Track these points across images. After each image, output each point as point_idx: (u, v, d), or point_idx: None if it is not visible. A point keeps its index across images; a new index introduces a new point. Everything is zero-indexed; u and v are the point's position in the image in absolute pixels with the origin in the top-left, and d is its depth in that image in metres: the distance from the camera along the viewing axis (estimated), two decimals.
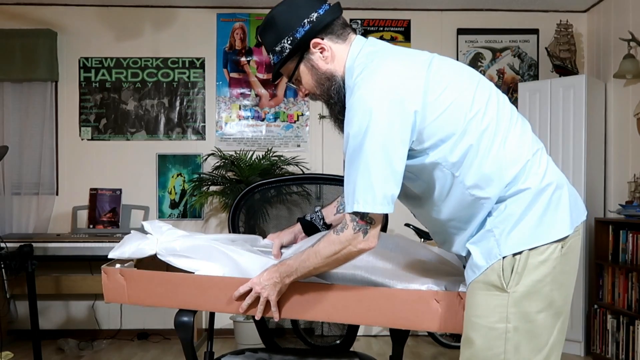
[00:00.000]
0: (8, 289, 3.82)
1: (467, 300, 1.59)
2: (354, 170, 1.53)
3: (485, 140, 1.54)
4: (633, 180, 4.33)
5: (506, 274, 1.52)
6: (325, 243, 1.63)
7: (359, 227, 1.55)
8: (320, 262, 1.64)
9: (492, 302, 1.53)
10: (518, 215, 1.53)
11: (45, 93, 5.08)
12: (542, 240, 1.52)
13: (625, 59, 4.32)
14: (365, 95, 1.51)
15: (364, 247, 1.57)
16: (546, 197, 1.54)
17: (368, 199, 1.51)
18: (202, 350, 4.54)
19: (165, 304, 1.90)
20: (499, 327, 1.52)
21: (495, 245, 1.54)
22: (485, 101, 1.58)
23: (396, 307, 1.72)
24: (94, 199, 5.04)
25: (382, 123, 1.49)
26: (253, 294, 1.77)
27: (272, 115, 5.22)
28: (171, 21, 5.15)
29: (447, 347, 4.72)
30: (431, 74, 1.56)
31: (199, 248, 1.89)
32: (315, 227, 2.07)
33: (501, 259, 1.52)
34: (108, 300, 1.96)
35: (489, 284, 1.53)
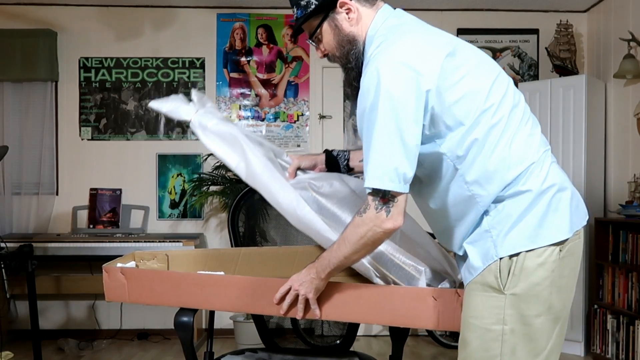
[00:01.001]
0: (8, 289, 3.82)
1: (464, 301, 1.58)
2: (366, 147, 1.50)
3: (492, 136, 1.52)
4: (633, 180, 4.33)
5: (503, 275, 1.50)
6: (350, 227, 1.59)
7: (380, 205, 1.50)
8: (350, 249, 1.59)
9: (488, 303, 1.51)
10: (516, 217, 1.51)
11: (45, 93, 5.08)
12: (539, 243, 1.50)
13: (625, 59, 4.32)
14: (380, 69, 1.48)
15: (389, 226, 1.52)
16: (546, 199, 1.52)
17: (378, 174, 1.48)
18: (202, 350, 4.53)
19: (166, 302, 1.91)
20: (496, 328, 1.51)
21: (492, 246, 1.52)
22: (501, 96, 1.55)
23: (394, 305, 1.72)
24: (94, 199, 5.04)
25: (395, 99, 1.45)
26: (292, 293, 1.73)
27: (272, 115, 5.22)
28: (171, 21, 5.15)
29: (446, 347, 4.71)
30: (451, 58, 1.53)
31: (228, 136, 1.88)
32: (337, 164, 2.02)
33: (498, 260, 1.51)
34: (109, 299, 1.96)
35: (486, 285, 1.52)
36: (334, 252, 1.63)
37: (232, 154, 1.88)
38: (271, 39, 5.21)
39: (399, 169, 1.47)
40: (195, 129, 1.91)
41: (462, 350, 1.57)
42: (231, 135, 1.89)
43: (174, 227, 5.17)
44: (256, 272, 2.21)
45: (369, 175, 1.49)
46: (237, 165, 1.87)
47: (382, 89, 1.46)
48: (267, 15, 5.21)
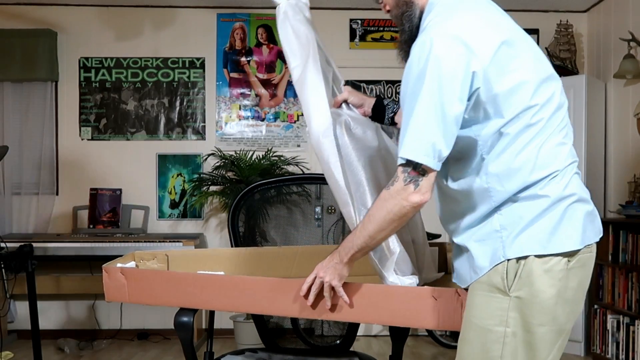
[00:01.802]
0: (8, 289, 3.82)
1: (468, 300, 1.57)
2: (406, 116, 1.47)
3: (526, 135, 1.49)
4: (633, 180, 4.33)
5: (509, 276, 1.48)
6: (377, 203, 1.55)
7: (410, 178, 1.46)
8: (376, 227, 1.54)
9: (492, 305, 1.50)
10: (529, 220, 1.48)
11: (45, 93, 5.08)
12: (550, 250, 1.47)
13: (625, 59, 4.32)
14: (434, 38, 1.44)
15: (416, 200, 1.47)
16: (562, 207, 1.49)
17: (415, 146, 1.44)
18: (202, 350, 4.53)
19: (166, 302, 1.91)
20: (498, 330, 1.49)
21: (501, 246, 1.50)
22: (547, 98, 1.52)
23: (394, 305, 1.72)
24: (94, 199, 5.04)
25: (443, 73, 1.42)
26: (317, 282, 1.70)
27: (272, 115, 5.22)
28: (171, 21, 5.15)
29: (447, 347, 4.71)
30: (507, 46, 1.48)
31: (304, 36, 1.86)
32: (382, 114, 1.96)
33: (505, 262, 1.48)
34: (109, 299, 1.96)
35: (491, 286, 1.50)
36: (357, 233, 1.60)
37: (297, 54, 1.84)
38: (271, 39, 5.21)
39: (436, 145, 1.44)
40: (278, 15, 1.87)
41: (461, 349, 1.56)
42: (306, 37, 1.86)
43: (174, 227, 5.17)
44: (256, 272, 2.21)
45: (405, 146, 1.45)
46: (295, 66, 1.83)
47: (432, 59, 1.42)
48: (267, 15, 5.21)
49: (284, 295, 1.80)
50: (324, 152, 1.76)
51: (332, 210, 3.94)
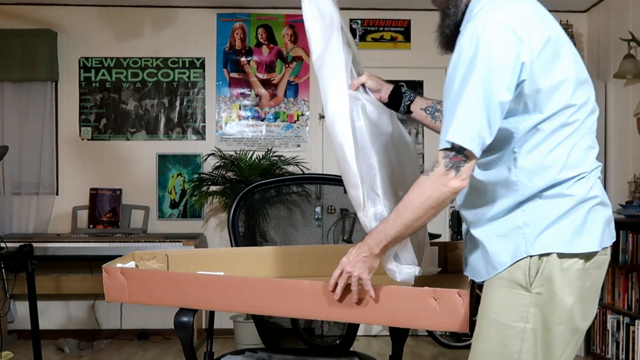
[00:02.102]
0: (8, 289, 3.82)
1: (486, 295, 1.56)
2: (454, 101, 1.45)
3: (560, 133, 1.49)
4: (633, 180, 4.33)
5: (532, 273, 1.49)
6: (414, 189, 1.53)
7: (451, 163, 1.46)
8: (413, 215, 1.52)
9: (513, 300, 1.51)
10: (553, 219, 1.49)
11: (45, 93, 5.08)
12: (571, 249, 1.49)
13: (625, 59, 4.32)
14: (486, 26, 1.44)
15: (456, 185, 1.46)
16: (586, 208, 1.51)
17: (463, 130, 1.43)
18: (202, 350, 4.53)
19: (166, 302, 1.91)
20: (518, 325, 1.50)
21: (524, 243, 1.50)
22: (584, 100, 1.53)
23: (394, 306, 1.72)
24: (94, 199, 5.04)
25: (494, 62, 1.42)
26: (344, 276, 1.67)
27: (272, 115, 5.22)
28: (171, 21, 5.15)
29: (447, 347, 4.72)
30: (553, 43, 1.49)
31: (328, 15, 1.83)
32: (398, 101, 1.93)
33: (528, 258, 1.49)
34: (109, 299, 1.96)
35: (513, 282, 1.51)
36: (391, 223, 1.57)
37: (319, 33, 1.81)
38: (271, 39, 5.21)
39: (482, 132, 1.44)
40: None
41: (477, 344, 1.56)
42: (331, 17, 1.83)
43: (174, 227, 5.17)
44: (256, 272, 2.21)
45: (453, 130, 1.43)
46: (316, 44, 1.80)
47: (484, 46, 1.42)
48: (267, 15, 5.21)
49: (284, 295, 1.80)
50: (338, 133, 1.74)
51: (332, 210, 3.94)
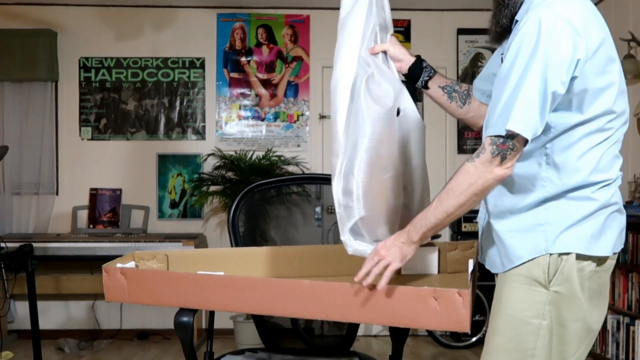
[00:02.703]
0: (8, 289, 3.82)
1: (501, 291, 1.58)
2: (514, 89, 1.45)
3: (596, 137, 1.52)
4: (633, 180, 4.33)
5: (551, 271, 1.51)
6: (458, 176, 1.53)
7: (498, 151, 1.46)
8: (456, 202, 1.52)
9: (531, 297, 1.53)
10: (576, 220, 1.52)
11: (45, 93, 5.08)
12: (590, 251, 1.52)
13: (625, 59, 4.32)
14: (548, 18, 1.43)
15: (501, 173, 1.47)
16: (606, 213, 1.55)
17: (524, 120, 1.43)
18: (202, 350, 4.54)
19: (166, 302, 1.91)
20: (534, 322, 1.52)
21: (544, 240, 1.52)
22: (622, 110, 1.57)
23: (394, 305, 1.72)
24: (94, 199, 5.04)
25: (553, 53, 1.42)
26: (381, 264, 1.65)
27: (272, 115, 5.22)
28: (171, 21, 5.15)
29: (447, 347, 4.72)
30: (607, 46, 1.50)
31: None
32: (417, 75, 1.90)
33: (548, 256, 1.51)
34: (109, 299, 1.96)
35: (531, 279, 1.53)
36: (432, 210, 1.57)
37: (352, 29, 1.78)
38: (271, 39, 5.21)
39: (537, 123, 1.44)
40: None
41: (492, 339, 1.57)
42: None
43: (174, 227, 5.17)
44: (256, 272, 2.21)
45: (513, 118, 1.43)
46: (345, 3, 1.77)
47: (545, 38, 1.42)
48: (267, 15, 5.21)
49: (284, 295, 1.80)
50: (337, 98, 1.72)
51: (332, 210, 3.93)
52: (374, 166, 1.75)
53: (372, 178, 1.74)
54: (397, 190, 1.85)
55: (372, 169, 1.74)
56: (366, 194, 1.72)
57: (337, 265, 2.26)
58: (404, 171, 1.89)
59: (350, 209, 1.72)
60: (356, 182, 1.71)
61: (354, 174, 1.71)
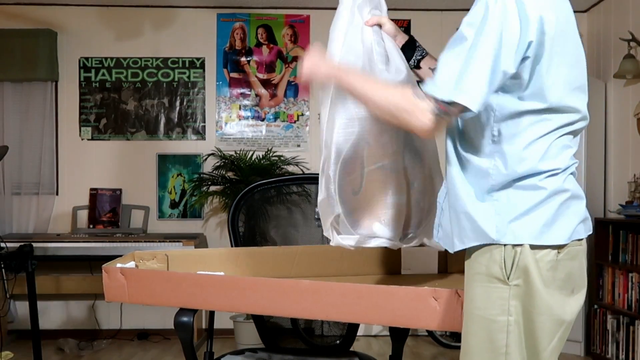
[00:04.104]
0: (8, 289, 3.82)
1: (467, 292, 1.58)
2: (461, 54, 1.47)
3: (544, 126, 1.51)
4: (633, 180, 4.33)
5: (507, 265, 1.50)
6: (399, 90, 1.55)
7: (438, 110, 1.47)
8: (377, 96, 1.56)
9: (493, 294, 1.51)
10: (524, 210, 1.51)
11: (45, 93, 5.08)
12: (541, 241, 1.50)
13: (625, 59, 4.32)
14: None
15: (422, 126, 1.50)
16: (557, 201, 1.52)
17: (472, 92, 1.44)
18: (202, 350, 4.53)
19: (166, 302, 1.91)
20: (501, 319, 1.50)
21: (495, 231, 1.51)
22: (575, 105, 1.55)
23: (394, 305, 1.72)
24: (94, 199, 5.04)
25: (506, 30, 1.43)
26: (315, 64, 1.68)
27: (272, 115, 5.22)
28: (171, 21, 5.15)
29: (447, 347, 4.72)
30: (563, 37, 1.50)
31: None
32: (410, 53, 1.90)
33: (502, 250, 1.50)
34: (109, 299, 1.96)
35: (490, 276, 1.52)
36: (365, 79, 1.62)
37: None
38: (271, 39, 5.21)
39: (483, 96, 1.45)
40: None
41: (466, 341, 1.57)
42: None
43: (174, 227, 5.17)
44: (256, 272, 2.21)
45: (462, 88, 1.44)
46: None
47: (501, 15, 1.43)
48: (267, 15, 5.21)
49: (284, 295, 1.80)
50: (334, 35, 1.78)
51: None
52: (354, 157, 1.74)
53: (352, 171, 1.73)
54: (394, 184, 1.83)
55: (353, 160, 1.73)
56: (342, 187, 1.72)
57: (337, 265, 2.26)
58: (409, 165, 1.86)
59: (328, 205, 1.75)
60: (332, 175, 1.73)
61: (330, 165, 1.73)
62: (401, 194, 1.85)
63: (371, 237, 1.78)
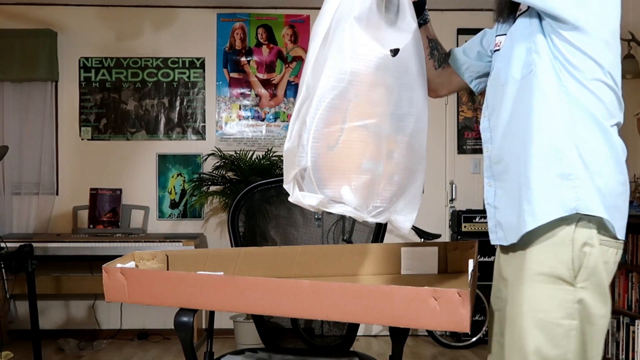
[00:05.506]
0: (8, 289, 3.82)
1: (524, 293, 1.50)
2: None
3: None
4: (633, 180, 4.33)
5: (575, 266, 1.44)
6: None
7: None
8: None
9: (558, 296, 1.44)
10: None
11: (45, 93, 5.08)
12: (616, 234, 1.48)
13: (625, 59, 4.32)
14: None
15: None
16: (627, 194, 1.53)
17: None
18: (202, 350, 4.53)
19: (166, 302, 1.91)
20: (565, 323, 1.44)
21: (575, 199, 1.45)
22: None
23: (394, 305, 1.72)
24: (94, 199, 5.04)
25: None
26: None
27: (272, 115, 5.22)
28: (171, 21, 5.15)
29: (447, 347, 4.72)
30: None
31: None
32: (420, 9, 1.84)
33: (570, 251, 1.44)
34: (109, 299, 1.96)
35: (555, 277, 1.45)
36: None
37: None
38: (271, 39, 5.21)
39: None
40: None
41: (522, 348, 1.48)
42: None
43: (174, 227, 5.17)
44: (256, 272, 2.21)
45: None
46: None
47: None
48: (267, 15, 5.21)
49: (284, 295, 1.80)
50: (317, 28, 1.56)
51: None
52: (338, 108, 1.55)
53: (333, 122, 1.54)
54: (373, 149, 1.60)
55: (336, 110, 1.54)
56: (318, 138, 1.53)
57: (337, 265, 2.26)
58: (393, 132, 1.64)
59: (296, 155, 1.54)
60: (309, 122, 1.52)
61: (310, 110, 1.53)
62: (378, 162, 1.61)
63: (336, 201, 1.58)
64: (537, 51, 1.54)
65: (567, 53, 1.50)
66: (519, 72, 1.56)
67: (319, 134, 1.52)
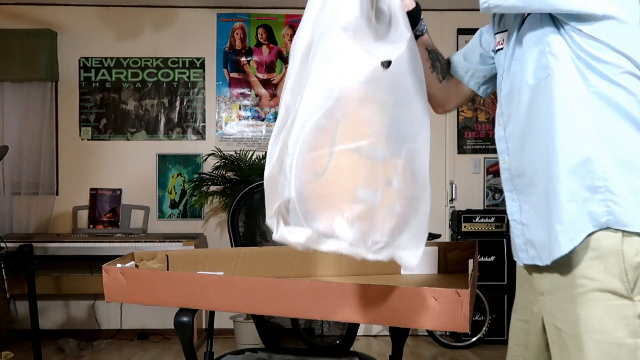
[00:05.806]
0: (8, 289, 3.82)
1: (579, 314, 1.38)
2: None
3: None
4: None
5: (630, 278, 1.33)
6: None
7: None
8: None
9: (616, 313, 1.32)
10: None
11: (45, 93, 5.08)
12: None
13: None
14: None
15: None
16: None
17: None
18: (202, 350, 4.54)
19: (166, 302, 1.91)
20: (628, 342, 1.31)
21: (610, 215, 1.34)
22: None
23: (394, 305, 1.72)
24: (94, 199, 5.04)
25: None
26: None
27: (272, 115, 5.22)
28: (171, 21, 5.15)
29: (447, 347, 4.72)
30: None
31: None
32: (414, 21, 1.65)
33: (622, 263, 1.33)
34: (109, 299, 1.96)
35: (609, 292, 1.33)
36: None
37: None
38: (271, 39, 5.21)
39: None
40: None
41: None
42: None
43: (174, 227, 5.17)
44: (256, 272, 2.21)
45: None
46: None
47: None
48: (267, 15, 5.21)
49: (284, 295, 1.80)
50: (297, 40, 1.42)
51: None
52: (325, 129, 1.35)
53: (319, 145, 1.35)
54: (368, 175, 1.38)
55: (322, 132, 1.35)
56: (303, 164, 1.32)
57: (336, 266, 2.26)
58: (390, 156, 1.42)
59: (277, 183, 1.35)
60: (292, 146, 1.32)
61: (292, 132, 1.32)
62: (375, 190, 1.38)
63: (328, 236, 1.35)
64: (552, 53, 1.43)
65: (591, 49, 1.38)
66: (533, 77, 1.46)
67: (303, 159, 1.32)
